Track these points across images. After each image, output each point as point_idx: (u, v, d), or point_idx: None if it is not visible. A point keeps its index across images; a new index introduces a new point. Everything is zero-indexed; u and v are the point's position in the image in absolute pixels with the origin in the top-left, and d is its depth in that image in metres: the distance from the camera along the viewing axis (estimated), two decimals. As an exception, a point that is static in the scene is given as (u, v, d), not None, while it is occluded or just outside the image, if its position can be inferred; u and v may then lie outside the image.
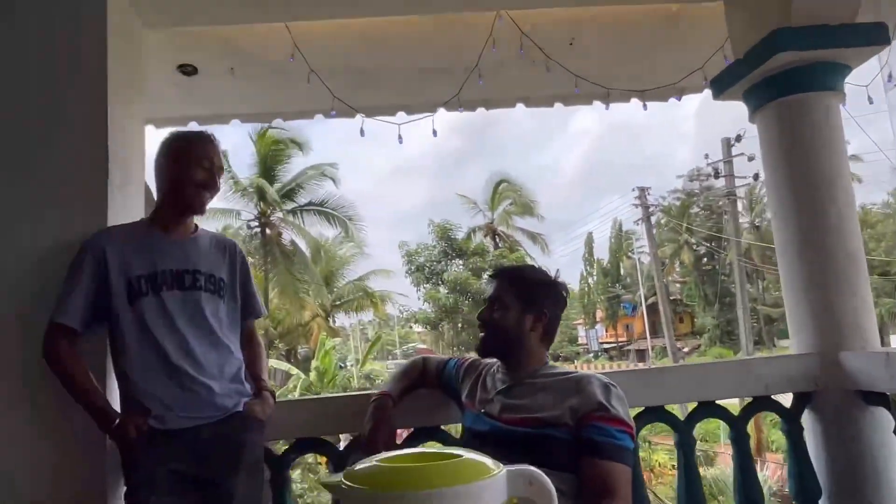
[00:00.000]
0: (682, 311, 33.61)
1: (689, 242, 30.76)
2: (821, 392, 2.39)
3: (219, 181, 1.96)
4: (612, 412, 1.66)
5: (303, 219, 20.09)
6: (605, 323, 37.60)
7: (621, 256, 35.49)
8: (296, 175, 19.97)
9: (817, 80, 2.50)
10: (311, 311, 21.72)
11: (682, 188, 32.10)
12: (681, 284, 33.65)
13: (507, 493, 0.54)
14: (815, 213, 2.48)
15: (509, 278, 1.88)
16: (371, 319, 30.29)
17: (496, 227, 26.40)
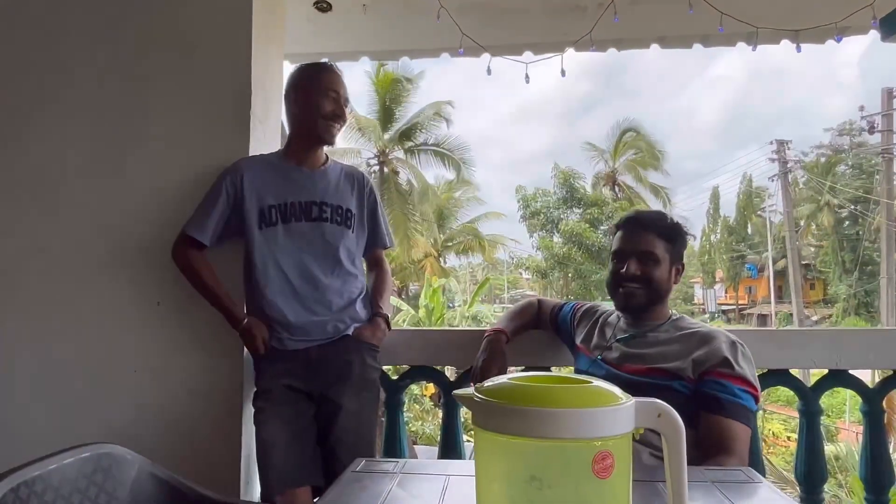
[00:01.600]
0: (813, 277, 31.17)
1: (830, 203, 28.14)
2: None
3: (345, 112, 2.03)
4: (738, 370, 1.62)
5: (419, 159, 20.42)
6: (724, 283, 35.67)
7: (750, 214, 33.18)
8: (414, 114, 20.21)
9: None
10: (424, 250, 22.31)
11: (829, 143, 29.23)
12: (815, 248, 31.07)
13: (636, 423, 0.55)
14: None
15: (660, 230, 1.80)
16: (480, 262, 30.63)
17: (617, 177, 25.49)
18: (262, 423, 1.89)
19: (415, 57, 3.73)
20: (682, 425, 0.59)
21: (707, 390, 1.61)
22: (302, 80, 2.05)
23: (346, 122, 2.09)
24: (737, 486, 1.23)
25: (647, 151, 24.97)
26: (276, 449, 1.85)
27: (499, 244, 25.10)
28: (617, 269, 1.82)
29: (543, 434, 0.51)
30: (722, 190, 34.98)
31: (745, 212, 33.32)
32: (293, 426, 1.90)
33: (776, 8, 2.82)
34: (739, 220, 33.89)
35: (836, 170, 28.56)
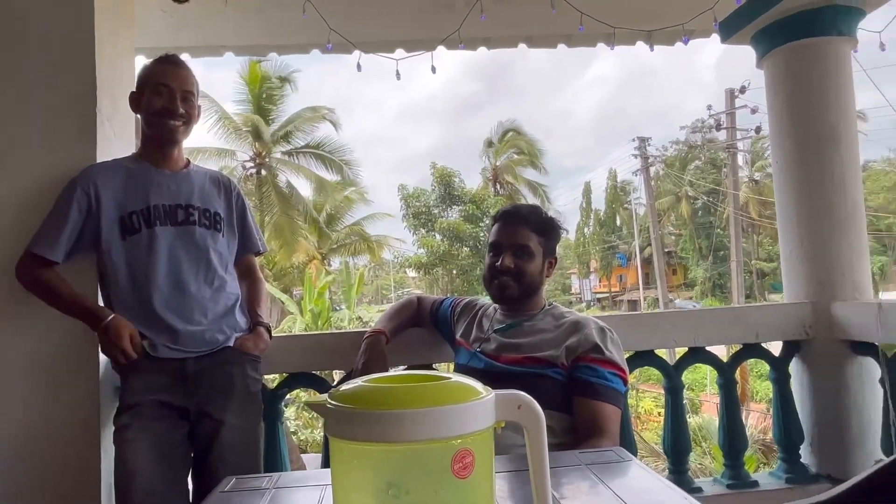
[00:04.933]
0: (675, 263, 33.80)
1: (687, 195, 30.63)
2: (810, 341, 2.41)
3: (182, 107, 1.86)
4: (607, 355, 1.69)
5: (300, 160, 19.88)
6: (598, 273, 37.83)
7: (618, 207, 35.40)
8: (294, 115, 19.64)
9: (830, 24, 2.43)
10: (307, 253, 21.77)
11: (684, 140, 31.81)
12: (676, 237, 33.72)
13: (496, 416, 0.53)
14: (819, 163, 2.45)
15: (534, 224, 1.84)
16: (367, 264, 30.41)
17: (498, 175, 26.23)
18: (125, 443, 1.69)
19: (283, 53, 3.59)
20: (542, 416, 0.58)
21: (580, 375, 1.67)
22: (139, 75, 1.90)
23: (188, 118, 1.91)
24: (609, 467, 1.27)
25: (526, 150, 25.90)
26: (140, 474, 1.68)
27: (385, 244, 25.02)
28: (492, 262, 1.84)
29: (396, 438, 0.48)
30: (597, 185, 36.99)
31: (614, 205, 35.48)
32: (162, 447, 1.73)
33: (630, 10, 2.99)
34: (609, 214, 36.05)
35: (692, 164, 31.12)
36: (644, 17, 2.99)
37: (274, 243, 19.55)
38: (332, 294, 18.36)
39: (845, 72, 2.47)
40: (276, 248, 19.96)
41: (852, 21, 2.46)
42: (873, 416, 2.30)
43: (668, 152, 32.24)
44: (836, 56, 2.46)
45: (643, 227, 29.14)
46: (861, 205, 2.46)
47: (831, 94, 2.44)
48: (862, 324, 2.24)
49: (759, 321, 2.40)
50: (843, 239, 2.41)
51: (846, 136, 2.44)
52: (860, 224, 2.44)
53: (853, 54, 2.53)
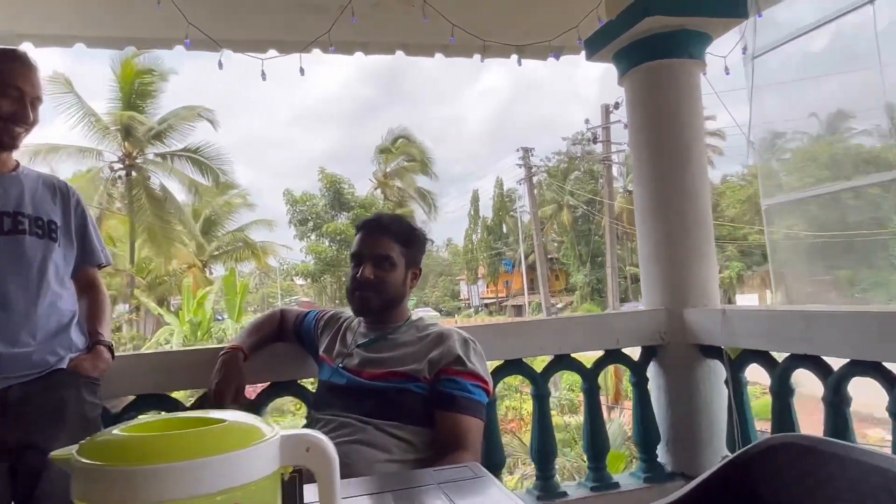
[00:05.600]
0: (558, 269, 35.26)
1: (569, 204, 32.07)
2: (665, 346, 2.54)
3: (32, 112, 1.68)
4: (470, 367, 1.68)
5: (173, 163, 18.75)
6: (486, 279, 38.73)
7: (504, 215, 36.45)
8: (170, 114, 18.52)
9: (681, 47, 2.58)
10: (186, 260, 20.63)
11: (566, 151, 33.30)
12: (558, 244, 35.19)
13: (280, 462, 0.47)
14: (672, 177, 2.59)
15: (397, 234, 1.80)
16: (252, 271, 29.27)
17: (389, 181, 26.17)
18: None
19: (143, 47, 3.35)
20: (333, 459, 0.52)
21: (442, 388, 1.65)
22: None
23: (34, 123, 1.72)
24: (462, 485, 1.24)
25: (417, 157, 26.04)
26: None
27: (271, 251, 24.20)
28: (354, 274, 1.78)
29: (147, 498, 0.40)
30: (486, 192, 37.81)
31: (501, 212, 36.50)
32: None
33: (500, 25, 3.04)
34: (496, 221, 37.03)
35: (573, 175, 32.64)
36: (514, 33, 3.06)
37: (146, 251, 18.33)
38: (215, 303, 17.45)
39: (695, 92, 2.63)
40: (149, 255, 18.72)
41: (701, 45, 2.64)
42: (720, 416, 2.45)
43: (552, 163, 33.62)
44: (688, 77, 2.63)
45: (528, 234, 30.17)
46: (709, 217, 2.64)
47: (683, 112, 2.60)
48: (709, 328, 2.39)
49: (620, 328, 2.50)
50: (694, 249, 2.56)
51: (696, 151, 2.61)
52: (709, 235, 2.61)
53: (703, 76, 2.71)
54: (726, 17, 2.55)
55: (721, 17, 2.55)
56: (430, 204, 26.79)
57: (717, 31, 2.68)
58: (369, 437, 1.63)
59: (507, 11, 3.02)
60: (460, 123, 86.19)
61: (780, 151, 21.52)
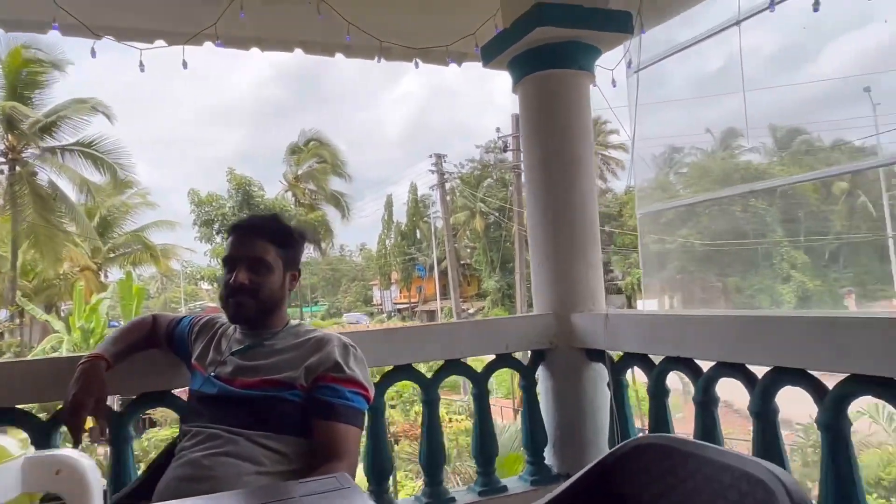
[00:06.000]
0: (470, 274, 35.67)
1: (481, 211, 32.55)
2: (554, 350, 2.59)
3: None
4: (348, 373, 1.63)
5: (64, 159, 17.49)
6: (399, 284, 38.63)
7: (418, 220, 36.52)
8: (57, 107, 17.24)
9: (571, 58, 2.65)
10: (79, 262, 19.31)
11: (479, 159, 33.79)
12: (471, 249, 35.63)
13: (23, 487, 0.41)
14: (561, 185, 2.65)
15: (272, 235, 1.71)
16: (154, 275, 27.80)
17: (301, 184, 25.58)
18: None
19: (10, 30, 3.08)
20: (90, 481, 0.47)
21: (319, 396, 1.60)
22: None
23: None
24: (326, 497, 1.20)
25: (329, 159, 25.61)
26: None
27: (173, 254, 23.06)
28: (227, 279, 1.69)
29: None
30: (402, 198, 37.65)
31: (415, 218, 36.54)
32: None
33: (400, 26, 3.02)
34: (410, 226, 37.03)
35: (485, 182, 33.16)
36: (412, 36, 3.04)
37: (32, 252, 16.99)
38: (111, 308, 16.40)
39: (584, 102, 2.71)
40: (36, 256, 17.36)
41: (590, 58, 2.72)
42: (604, 417, 2.52)
43: (465, 169, 34.02)
44: (578, 88, 2.70)
45: (441, 239, 30.37)
46: (597, 224, 2.71)
47: (572, 121, 2.67)
48: (594, 333, 2.45)
49: (510, 332, 2.53)
50: (582, 256, 2.63)
51: (585, 160, 2.68)
52: (596, 242, 2.69)
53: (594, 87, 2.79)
54: (614, 31, 2.64)
55: (609, 32, 2.64)
56: (344, 208, 26.45)
57: (605, 45, 2.77)
58: (238, 449, 1.55)
59: (405, 13, 3.01)
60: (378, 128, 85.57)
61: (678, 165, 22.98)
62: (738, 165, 26.90)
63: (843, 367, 1.63)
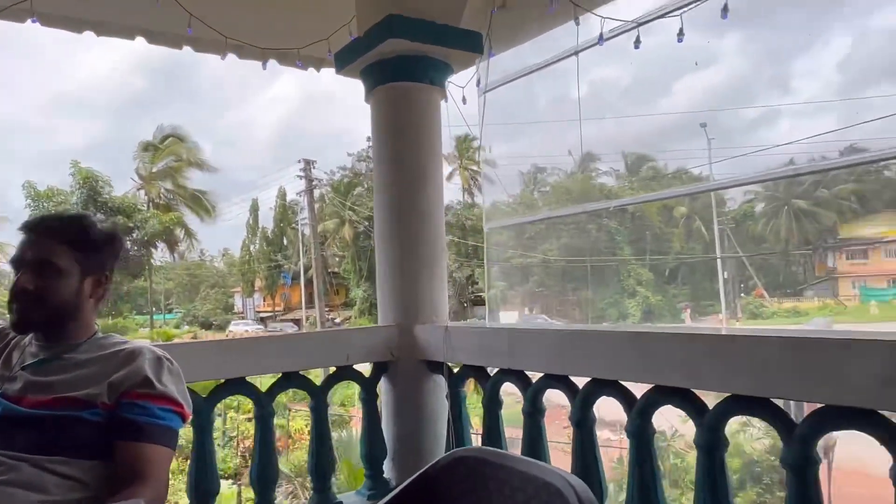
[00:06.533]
0: (338, 283, 35.15)
1: (351, 219, 32.22)
2: (396, 362, 2.58)
3: None
4: (160, 389, 1.50)
5: None
6: (263, 292, 37.21)
7: (286, 226, 35.47)
8: None
9: (422, 73, 2.67)
10: None
11: (350, 167, 33.49)
12: (340, 258, 35.16)
13: None
14: (408, 197, 2.66)
15: (65, 236, 1.54)
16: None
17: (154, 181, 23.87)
18: None
19: None
20: None
21: (124, 415, 1.46)
22: None
23: None
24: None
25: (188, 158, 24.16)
26: None
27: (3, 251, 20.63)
28: (12, 283, 1.51)
29: None
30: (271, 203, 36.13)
31: (282, 224, 35.44)
32: None
33: (249, 25, 2.90)
34: (277, 232, 35.86)
35: (356, 190, 32.90)
36: (262, 36, 2.93)
37: None
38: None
39: (434, 116, 2.75)
40: None
41: (441, 74, 2.76)
42: (443, 429, 2.55)
43: (336, 177, 33.58)
44: (428, 102, 2.73)
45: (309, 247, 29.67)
46: (443, 238, 2.75)
47: (422, 134, 2.69)
48: (434, 344, 2.47)
49: (352, 344, 2.49)
50: (426, 267, 2.65)
51: (433, 173, 2.71)
52: (441, 255, 2.72)
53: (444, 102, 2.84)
54: (464, 50, 2.70)
55: (460, 50, 2.69)
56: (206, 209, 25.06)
57: (458, 63, 2.83)
58: (21, 477, 1.37)
59: (255, 12, 2.89)
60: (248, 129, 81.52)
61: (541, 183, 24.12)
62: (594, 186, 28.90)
63: (649, 379, 1.76)
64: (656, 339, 1.72)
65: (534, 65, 3.05)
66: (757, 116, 35.80)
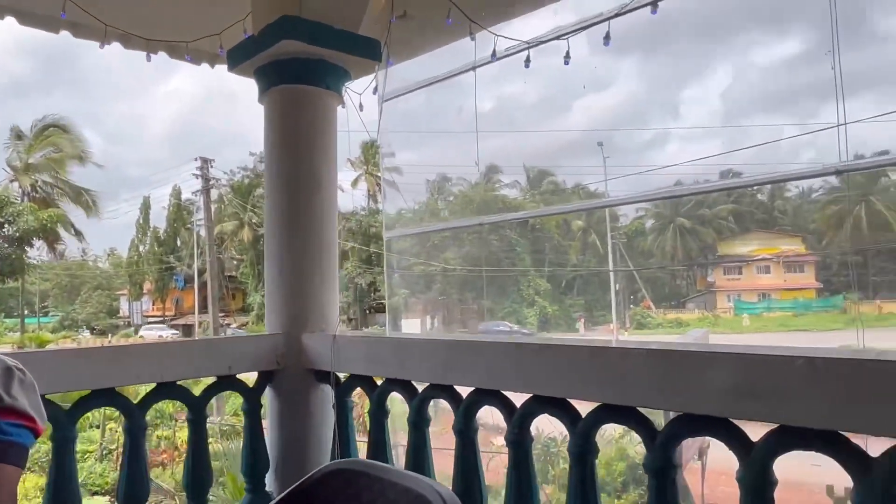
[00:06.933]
0: (235, 287, 33.87)
1: (251, 222, 31.17)
2: (282, 371, 2.50)
3: None
4: (7, 402, 1.36)
5: None
6: (152, 295, 35.15)
7: (180, 227, 33.75)
8: None
9: (318, 77, 2.62)
10: None
11: (252, 167, 32.44)
12: (238, 262, 33.90)
13: None
14: (300, 202, 2.60)
15: None
16: None
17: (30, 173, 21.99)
18: None
19: None
20: None
21: None
22: None
23: None
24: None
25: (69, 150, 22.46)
26: None
27: None
28: None
29: None
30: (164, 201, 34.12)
31: (176, 224, 33.71)
32: None
33: (134, 13, 2.74)
34: (170, 232, 34.05)
35: (257, 191, 31.89)
36: (149, 26, 2.78)
37: None
38: None
39: (330, 121, 2.70)
40: None
41: (338, 79, 2.73)
42: (328, 441, 2.50)
43: (237, 177, 32.43)
44: (324, 107, 2.68)
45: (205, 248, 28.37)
46: (335, 245, 2.71)
47: (316, 139, 2.64)
48: (322, 353, 2.42)
49: (233, 353, 2.39)
50: (317, 274, 2.60)
51: (327, 179, 2.67)
52: (333, 262, 2.67)
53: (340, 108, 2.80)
54: (362, 56, 2.68)
55: (358, 56, 2.67)
56: (89, 206, 23.39)
57: (356, 70, 2.81)
58: None
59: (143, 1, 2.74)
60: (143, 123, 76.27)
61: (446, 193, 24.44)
62: (497, 198, 29.61)
63: (528, 389, 1.81)
64: (534, 350, 1.77)
65: (432, 77, 3.09)
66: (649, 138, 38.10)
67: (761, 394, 1.35)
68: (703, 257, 31.41)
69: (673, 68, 38.73)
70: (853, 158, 7.91)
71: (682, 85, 41.12)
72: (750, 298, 29.04)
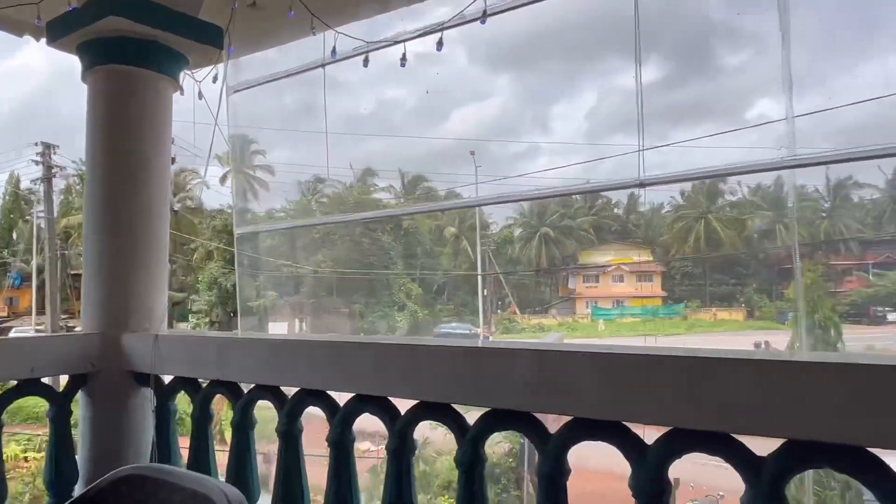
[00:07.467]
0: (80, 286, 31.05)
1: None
2: (97, 373, 2.31)
3: None
4: None
5: None
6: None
7: (17, 218, 30.39)
8: None
9: (151, 60, 2.47)
10: None
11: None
12: (85, 258, 31.09)
13: None
14: (125, 192, 2.43)
15: None
16: None
17: None
18: None
19: None
20: None
21: None
22: None
23: None
24: None
25: None
26: None
27: None
28: None
29: None
30: None
31: (13, 215, 30.32)
32: None
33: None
34: (4, 224, 30.55)
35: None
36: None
37: None
38: None
39: (163, 108, 2.55)
40: None
41: (175, 64, 2.57)
42: (147, 447, 2.34)
43: (88, 167, 29.73)
44: (157, 92, 2.52)
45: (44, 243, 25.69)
46: (166, 240, 2.55)
47: (146, 125, 2.48)
48: (143, 355, 2.27)
49: (37, 354, 2.18)
50: (144, 270, 2.43)
51: (158, 170, 2.51)
52: (162, 257, 2.51)
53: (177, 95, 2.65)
54: (200, 41, 2.55)
55: (195, 41, 2.54)
56: None
57: (197, 56, 2.67)
58: None
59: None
60: (-18, 101, 67.17)
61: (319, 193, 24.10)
62: (371, 201, 29.54)
63: (351, 388, 1.79)
64: (354, 349, 1.77)
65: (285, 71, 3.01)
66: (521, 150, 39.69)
67: (560, 387, 1.43)
68: (566, 265, 33.21)
69: (543, 85, 40.72)
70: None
71: (550, 102, 43.24)
72: (606, 305, 31.07)
